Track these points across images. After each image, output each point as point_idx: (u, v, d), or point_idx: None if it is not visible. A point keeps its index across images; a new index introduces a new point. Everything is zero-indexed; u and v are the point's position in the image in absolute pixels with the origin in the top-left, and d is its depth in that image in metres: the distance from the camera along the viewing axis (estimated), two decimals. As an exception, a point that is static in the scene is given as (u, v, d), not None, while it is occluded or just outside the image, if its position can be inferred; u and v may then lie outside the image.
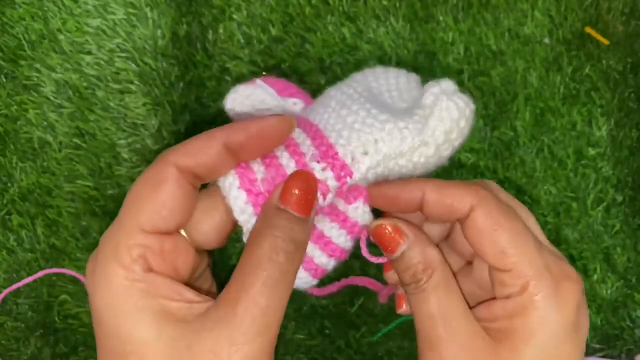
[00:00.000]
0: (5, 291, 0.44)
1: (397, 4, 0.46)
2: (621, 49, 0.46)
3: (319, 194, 0.30)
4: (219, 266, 0.33)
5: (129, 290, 0.27)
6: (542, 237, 0.30)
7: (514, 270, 0.27)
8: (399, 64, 0.45)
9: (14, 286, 0.44)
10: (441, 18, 0.46)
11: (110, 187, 0.45)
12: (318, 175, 0.30)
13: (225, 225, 0.30)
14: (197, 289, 0.29)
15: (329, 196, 0.31)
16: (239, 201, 0.30)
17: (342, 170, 0.30)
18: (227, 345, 0.26)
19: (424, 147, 0.31)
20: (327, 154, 0.31)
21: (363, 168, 0.31)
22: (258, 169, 0.30)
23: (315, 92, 0.45)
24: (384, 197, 0.30)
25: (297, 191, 0.28)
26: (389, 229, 0.30)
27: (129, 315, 0.26)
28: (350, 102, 0.33)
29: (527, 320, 0.27)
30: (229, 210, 0.30)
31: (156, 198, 0.28)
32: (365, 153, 0.31)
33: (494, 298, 0.29)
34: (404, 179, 0.31)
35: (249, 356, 0.26)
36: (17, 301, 0.45)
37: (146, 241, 0.27)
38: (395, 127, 0.31)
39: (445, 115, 0.31)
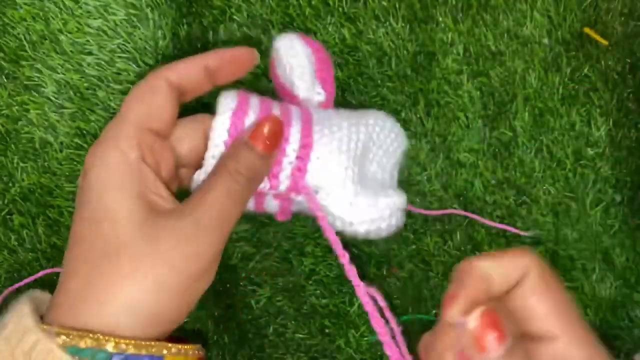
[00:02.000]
0: (7, 291, 0.44)
1: (397, 5, 0.46)
2: (620, 50, 0.46)
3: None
4: (220, 267, 0.34)
5: (121, 171, 0.31)
6: None
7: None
8: (399, 64, 0.46)
9: (15, 286, 0.44)
10: (440, 19, 0.46)
11: (111, 187, 0.45)
12: (286, 159, 0.35)
13: (200, 150, 0.35)
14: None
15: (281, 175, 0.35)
16: (224, 125, 0.34)
17: (299, 178, 0.35)
18: (187, 236, 0.30)
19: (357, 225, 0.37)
20: (304, 161, 0.35)
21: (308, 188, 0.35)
22: (252, 115, 0.35)
23: (315, 92, 0.45)
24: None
25: (266, 131, 0.34)
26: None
27: (114, 190, 0.31)
28: (345, 149, 0.36)
29: None
30: (207, 135, 0.35)
31: (153, 101, 0.33)
32: (316, 192, 0.36)
33: None
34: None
35: (201, 249, 0.31)
36: (18, 301, 0.45)
37: (142, 134, 0.33)
38: (351, 208, 0.36)
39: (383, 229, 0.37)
